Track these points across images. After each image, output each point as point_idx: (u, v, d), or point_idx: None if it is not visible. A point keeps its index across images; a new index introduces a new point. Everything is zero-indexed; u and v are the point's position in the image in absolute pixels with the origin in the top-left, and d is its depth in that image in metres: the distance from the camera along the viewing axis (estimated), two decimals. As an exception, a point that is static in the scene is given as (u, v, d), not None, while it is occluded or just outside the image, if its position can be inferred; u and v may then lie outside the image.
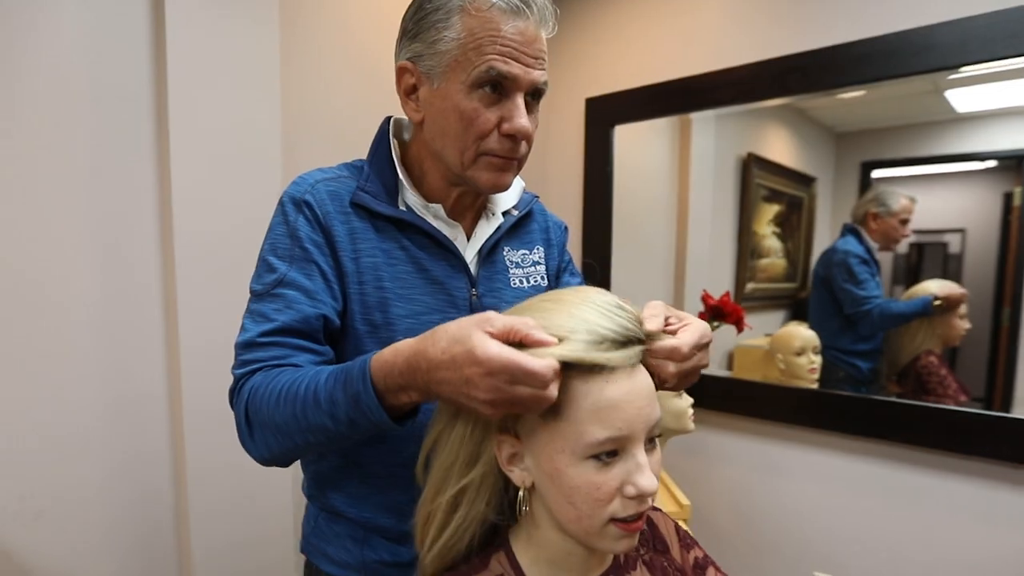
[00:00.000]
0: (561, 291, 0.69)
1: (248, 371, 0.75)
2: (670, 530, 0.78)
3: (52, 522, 1.27)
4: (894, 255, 1.81)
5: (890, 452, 1.63)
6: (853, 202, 1.84)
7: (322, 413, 0.66)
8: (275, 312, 0.77)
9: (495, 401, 0.57)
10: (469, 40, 0.75)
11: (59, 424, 1.28)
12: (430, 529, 0.68)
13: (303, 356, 0.76)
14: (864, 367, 1.81)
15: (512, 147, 0.81)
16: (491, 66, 0.75)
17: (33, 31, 1.22)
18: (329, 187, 0.84)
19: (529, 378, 0.55)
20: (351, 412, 0.65)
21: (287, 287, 0.78)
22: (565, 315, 0.62)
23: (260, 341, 0.75)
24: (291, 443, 0.70)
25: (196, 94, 1.37)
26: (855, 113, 1.86)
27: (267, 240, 0.83)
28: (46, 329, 1.25)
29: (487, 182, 0.83)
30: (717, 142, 2.07)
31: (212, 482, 1.41)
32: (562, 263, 1.07)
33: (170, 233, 1.35)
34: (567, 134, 2.32)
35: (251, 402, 0.72)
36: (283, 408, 0.68)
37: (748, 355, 2.04)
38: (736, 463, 1.95)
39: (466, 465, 0.66)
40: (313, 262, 0.80)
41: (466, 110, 0.78)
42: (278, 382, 0.70)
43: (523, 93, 0.79)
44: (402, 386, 0.63)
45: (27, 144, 1.22)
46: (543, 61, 0.80)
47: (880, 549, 1.67)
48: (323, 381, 0.67)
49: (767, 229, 2.06)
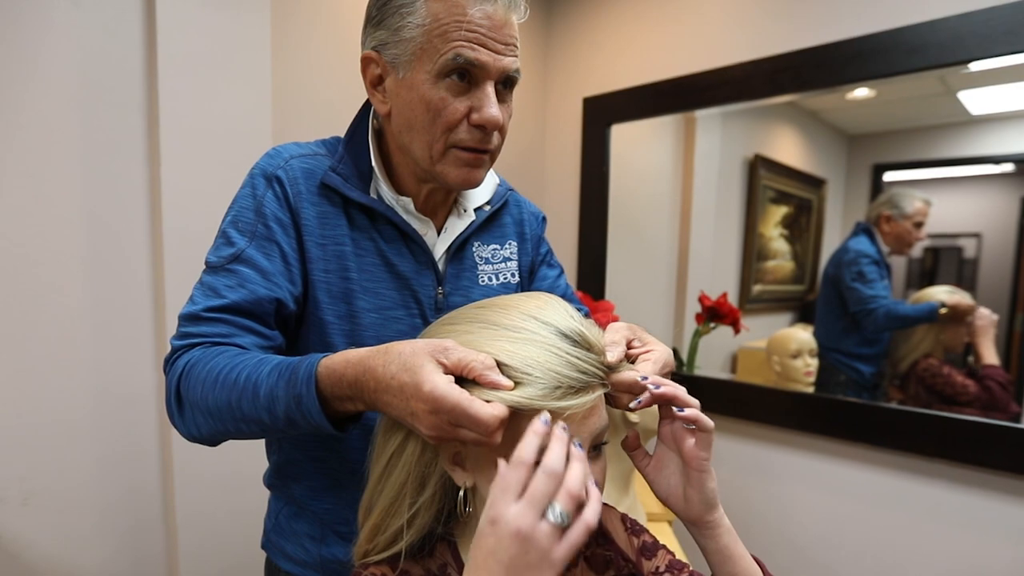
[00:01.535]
0: (520, 306, 0.64)
1: (187, 344, 0.71)
2: (614, 522, 0.79)
3: (41, 508, 1.30)
4: (908, 259, 1.78)
5: (888, 459, 1.61)
6: (864, 205, 1.81)
7: (259, 407, 0.63)
8: (227, 288, 0.73)
9: (438, 437, 0.56)
10: (434, 26, 0.71)
11: (50, 416, 1.30)
12: (377, 536, 0.66)
13: (249, 338, 0.72)
14: (866, 371, 1.78)
15: (483, 138, 0.77)
16: (457, 53, 0.71)
17: (24, 24, 1.24)
18: (305, 163, 0.81)
19: (474, 425, 0.53)
20: (291, 412, 0.62)
21: (243, 264, 0.74)
22: (522, 351, 0.58)
23: (205, 316, 0.72)
24: (222, 427, 0.67)
25: (186, 86, 1.36)
26: (867, 115, 1.82)
27: (230, 211, 0.79)
28: (38, 323, 1.28)
29: (456, 178, 0.78)
30: (722, 142, 2.06)
31: (199, 475, 1.43)
32: (538, 257, 1.02)
33: (160, 228, 1.37)
34: (564, 134, 2.32)
35: (184, 378, 0.68)
36: (218, 393, 0.65)
37: (752, 357, 2.02)
38: (728, 465, 1.94)
39: (419, 486, 0.64)
40: (275, 242, 0.76)
41: (432, 100, 0.74)
42: (216, 363, 0.67)
43: (493, 81, 0.75)
44: (349, 396, 0.61)
45: (15, 138, 1.24)
46: (514, 48, 0.75)
47: (871, 557, 1.65)
48: (265, 373, 0.64)
49: (774, 231, 2.03)
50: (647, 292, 2.20)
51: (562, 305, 0.65)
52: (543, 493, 0.49)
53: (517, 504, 0.49)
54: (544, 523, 0.48)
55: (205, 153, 1.40)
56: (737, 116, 1.98)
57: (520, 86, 0.82)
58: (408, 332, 0.82)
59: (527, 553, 0.48)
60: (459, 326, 0.64)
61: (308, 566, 0.86)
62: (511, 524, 0.48)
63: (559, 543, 0.49)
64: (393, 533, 0.65)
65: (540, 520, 0.48)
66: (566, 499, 0.49)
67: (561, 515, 0.49)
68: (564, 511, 0.49)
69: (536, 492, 0.49)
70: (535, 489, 0.49)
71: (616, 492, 1.42)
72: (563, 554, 0.49)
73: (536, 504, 0.49)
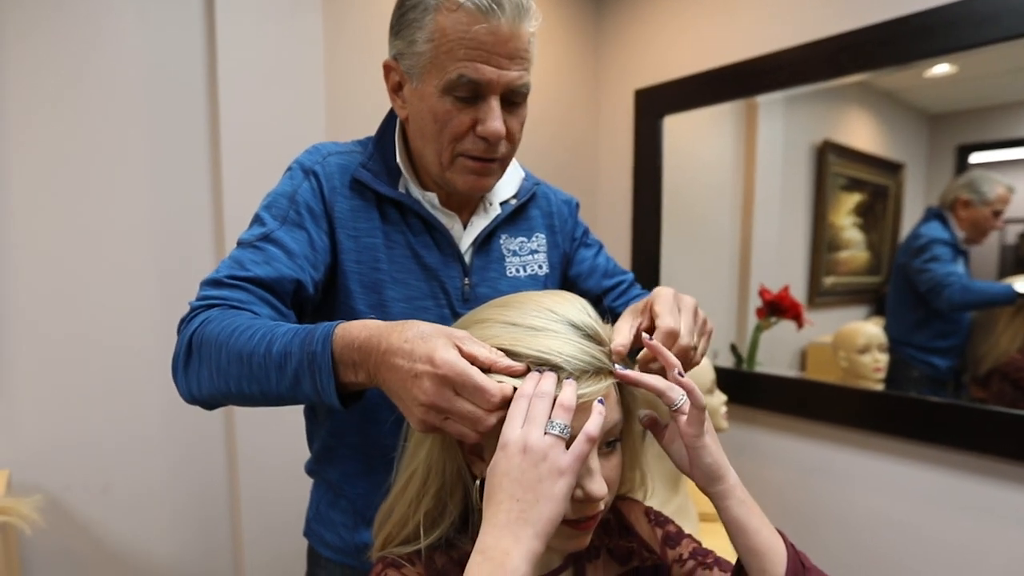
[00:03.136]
0: (542, 301, 0.65)
1: (205, 304, 0.72)
2: (637, 514, 0.79)
3: (119, 498, 1.45)
4: (1001, 246, 1.65)
5: (966, 462, 1.50)
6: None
7: (270, 364, 0.63)
8: (252, 263, 0.75)
9: (431, 406, 0.55)
10: (442, 41, 0.74)
11: (128, 419, 1.45)
12: (399, 530, 0.69)
13: (265, 309, 0.73)
14: (942, 366, 1.67)
15: (488, 148, 0.79)
16: (461, 73, 0.74)
17: (96, 40, 1.36)
18: (341, 160, 0.85)
19: (477, 393, 0.54)
20: (300, 371, 0.62)
21: (271, 243, 0.78)
22: (536, 342, 0.60)
23: (227, 282, 0.74)
24: (224, 387, 0.67)
25: (244, 93, 1.45)
26: (949, 93, 1.69)
27: (266, 198, 0.83)
28: (114, 331, 1.42)
29: (464, 185, 0.82)
30: (786, 129, 1.97)
31: (261, 474, 1.53)
32: (574, 243, 1.05)
33: (223, 236, 1.47)
34: (616, 128, 2.30)
35: (198, 332, 0.69)
36: (231, 346, 0.65)
37: (822, 354, 1.93)
38: (791, 465, 1.86)
39: (437, 478, 0.66)
40: (304, 228, 0.80)
41: (439, 112, 0.77)
42: (234, 321, 0.67)
43: (497, 95, 0.77)
44: (356, 361, 0.60)
45: (89, 150, 1.37)
46: (522, 61, 0.77)
47: (945, 567, 1.55)
48: (281, 332, 0.64)
49: (846, 220, 1.93)
50: (706, 286, 2.14)
51: (579, 302, 0.66)
52: (541, 411, 0.55)
53: (522, 428, 0.54)
54: (547, 436, 0.54)
55: (263, 158, 1.46)
56: (802, 101, 1.89)
57: (571, 81, 0.83)
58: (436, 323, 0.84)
59: (536, 466, 0.53)
60: (480, 325, 0.66)
61: (344, 552, 0.92)
62: (517, 442, 0.53)
63: (565, 453, 0.54)
64: (412, 526, 0.67)
65: (543, 436, 0.54)
66: (560, 412, 0.55)
67: (560, 427, 0.54)
68: (562, 423, 0.54)
69: (535, 412, 0.55)
70: (533, 410, 0.55)
71: (665, 491, 1.41)
72: (570, 462, 0.53)
73: (536, 422, 0.54)
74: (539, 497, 0.52)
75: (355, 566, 0.92)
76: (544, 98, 2.14)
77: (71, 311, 1.38)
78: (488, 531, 0.52)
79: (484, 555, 0.51)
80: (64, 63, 1.34)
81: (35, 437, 1.36)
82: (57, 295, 1.36)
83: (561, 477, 0.53)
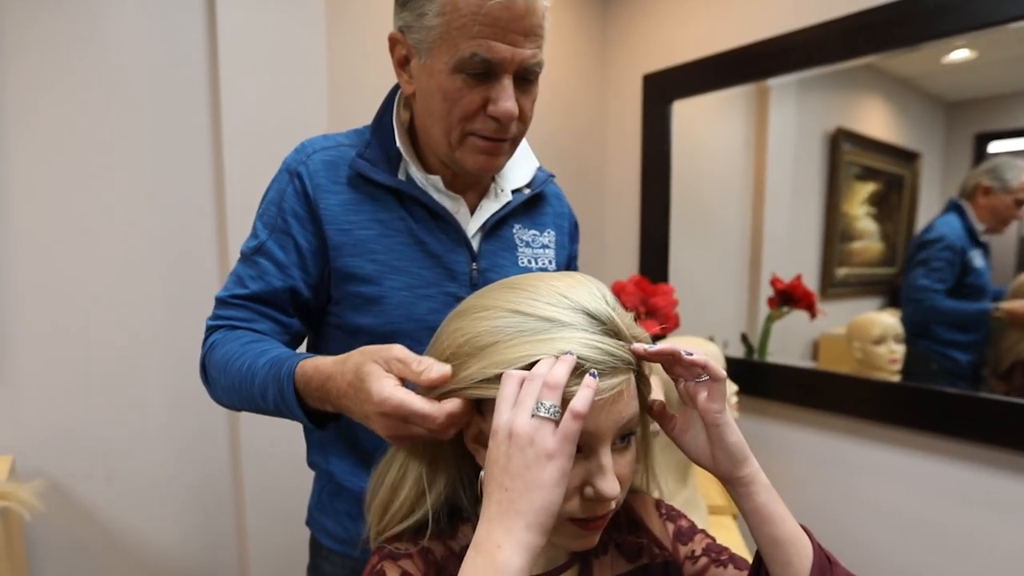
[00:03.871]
0: (552, 290, 0.59)
1: (216, 325, 0.82)
2: (648, 508, 0.76)
3: (124, 485, 1.46)
4: (1020, 237, 1.61)
5: (986, 456, 1.47)
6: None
7: (256, 394, 0.72)
8: (249, 279, 0.82)
9: (394, 437, 0.59)
10: (454, 16, 0.70)
11: (133, 408, 1.46)
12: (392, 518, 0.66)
13: (266, 323, 0.81)
14: (963, 359, 1.63)
15: (499, 128, 0.77)
16: (474, 52, 0.71)
17: (97, 31, 1.36)
18: (327, 156, 0.84)
19: (420, 420, 0.55)
20: (278, 402, 0.70)
21: (263, 256, 0.82)
22: (544, 349, 0.55)
23: (231, 301, 0.82)
24: (238, 402, 0.77)
25: (246, 84, 1.44)
26: (967, 79, 1.65)
27: (261, 202, 0.87)
28: (118, 320, 1.43)
29: (474, 165, 0.80)
30: (799, 116, 1.93)
31: (265, 464, 1.53)
32: (571, 256, 1.06)
33: (225, 231, 1.46)
34: (624, 113, 2.27)
35: (207, 357, 0.79)
36: (227, 374, 0.75)
37: (835, 344, 1.90)
38: (803, 458, 1.84)
39: (427, 463, 0.64)
40: (290, 235, 0.82)
41: (449, 91, 0.74)
42: (231, 348, 0.76)
43: (510, 74, 0.74)
44: (320, 398, 0.66)
45: (90, 141, 1.37)
46: (536, 38, 0.74)
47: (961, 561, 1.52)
48: (261, 364, 0.72)
49: (860, 210, 1.89)
50: (716, 275, 2.11)
51: (594, 285, 0.61)
52: (529, 394, 0.51)
53: (509, 412, 0.51)
54: (534, 419, 0.50)
55: (265, 149, 1.42)
56: (815, 87, 1.86)
57: (578, 66, 0.81)
58: (440, 308, 0.82)
59: (523, 451, 0.50)
60: (483, 314, 0.61)
61: (346, 543, 0.91)
62: (504, 428, 0.51)
63: (552, 435, 0.50)
64: (405, 505, 0.64)
65: (530, 419, 0.50)
66: (547, 392, 0.51)
67: (548, 408, 0.50)
68: (549, 404, 0.50)
69: (523, 395, 0.51)
70: (522, 394, 0.52)
71: (674, 483, 1.39)
72: (557, 444, 0.50)
73: (524, 405, 0.51)
74: (528, 485, 0.49)
75: (357, 556, 0.90)
76: (551, 83, 2.11)
77: (76, 300, 1.38)
78: (481, 524, 0.50)
79: (477, 549, 0.49)
80: (64, 50, 1.33)
81: (40, 424, 1.36)
82: (62, 283, 1.36)
83: (550, 461, 0.49)
